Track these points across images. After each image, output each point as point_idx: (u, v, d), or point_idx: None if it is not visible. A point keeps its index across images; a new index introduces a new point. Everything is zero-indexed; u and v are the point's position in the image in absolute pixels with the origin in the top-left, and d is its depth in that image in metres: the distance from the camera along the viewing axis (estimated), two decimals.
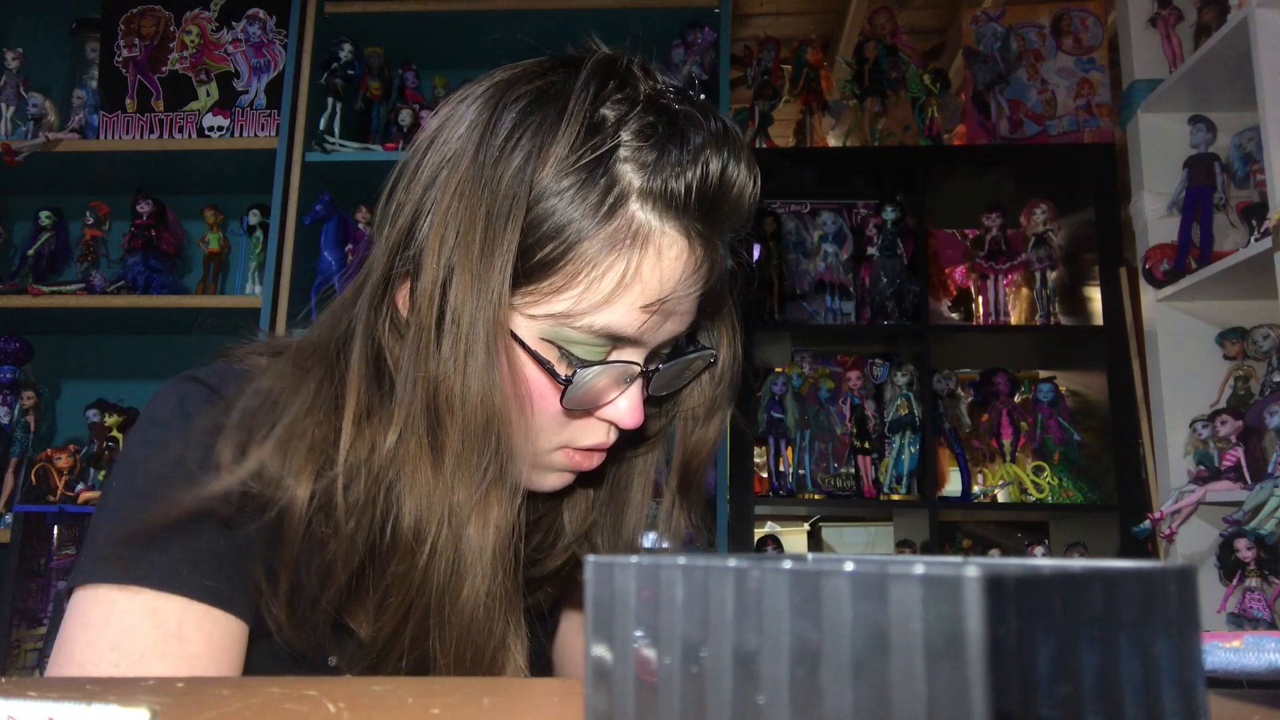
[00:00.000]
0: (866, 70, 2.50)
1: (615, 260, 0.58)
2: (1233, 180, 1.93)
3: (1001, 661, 0.24)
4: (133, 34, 2.39)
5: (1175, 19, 2.02)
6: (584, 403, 0.62)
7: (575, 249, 0.57)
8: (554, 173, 0.57)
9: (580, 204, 0.57)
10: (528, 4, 2.24)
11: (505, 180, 0.57)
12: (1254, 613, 1.68)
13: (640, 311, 0.59)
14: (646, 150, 0.58)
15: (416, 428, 0.59)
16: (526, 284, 0.59)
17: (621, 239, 0.58)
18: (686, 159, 0.58)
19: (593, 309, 0.58)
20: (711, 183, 0.59)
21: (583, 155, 0.57)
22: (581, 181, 0.57)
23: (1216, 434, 1.84)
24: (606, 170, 0.58)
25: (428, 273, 0.58)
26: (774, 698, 0.28)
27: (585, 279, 0.58)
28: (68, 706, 0.32)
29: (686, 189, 0.58)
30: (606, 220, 0.57)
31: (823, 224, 2.42)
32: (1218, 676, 0.46)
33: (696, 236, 0.60)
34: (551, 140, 0.58)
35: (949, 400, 2.37)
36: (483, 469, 0.58)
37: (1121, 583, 0.28)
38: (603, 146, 0.58)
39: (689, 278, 0.61)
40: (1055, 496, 2.23)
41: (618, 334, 0.60)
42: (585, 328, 0.59)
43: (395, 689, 0.45)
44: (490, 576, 0.59)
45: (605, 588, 0.33)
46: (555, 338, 0.60)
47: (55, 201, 2.40)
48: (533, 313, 0.59)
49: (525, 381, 0.60)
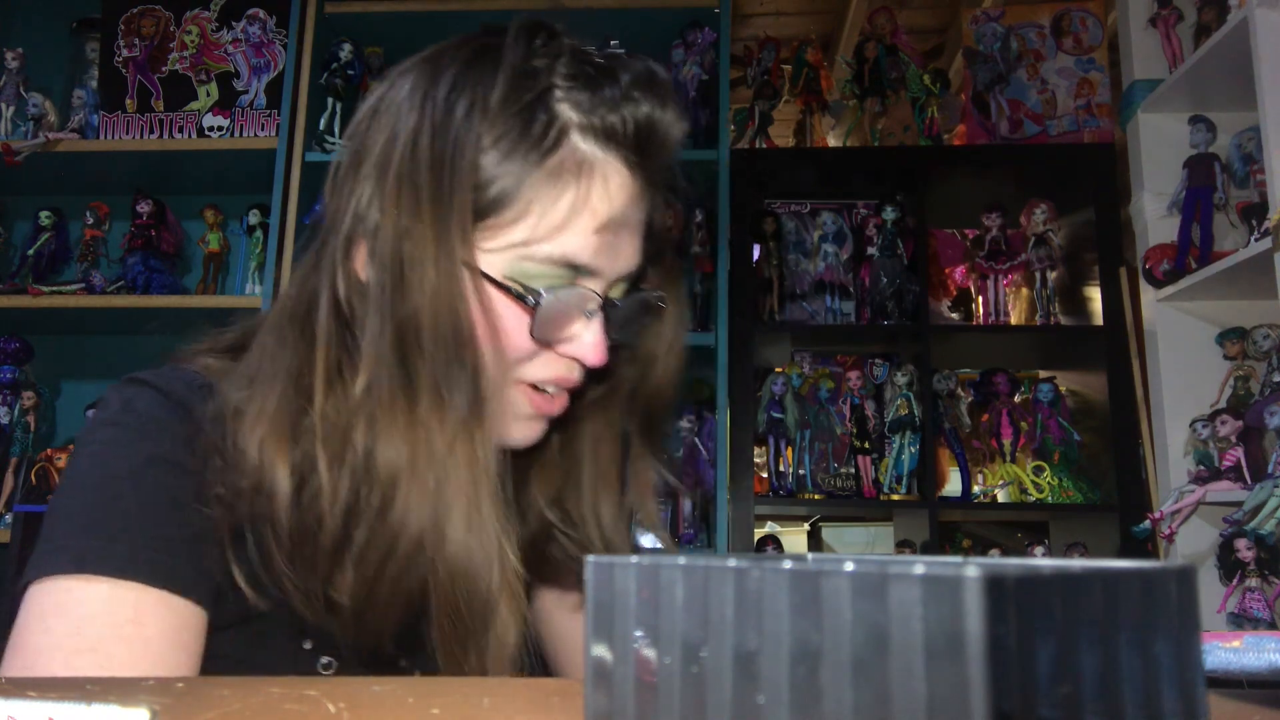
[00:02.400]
0: (866, 70, 2.50)
1: (564, 189, 0.62)
2: (1233, 180, 1.93)
3: (1001, 661, 0.24)
4: (133, 34, 2.39)
5: (1175, 19, 2.02)
6: (551, 331, 0.64)
7: (525, 182, 0.61)
8: (497, 118, 0.61)
9: (525, 142, 0.61)
10: (528, 4, 2.24)
11: (452, 131, 0.61)
12: (1254, 613, 1.68)
13: (594, 235, 0.62)
14: (579, 90, 0.63)
15: (387, 371, 0.60)
16: (483, 220, 0.61)
17: (568, 170, 0.62)
18: (619, 96, 0.63)
19: (549, 236, 0.62)
20: (643, 117, 0.63)
21: (521, 99, 0.61)
22: (524, 123, 0.61)
23: (1216, 434, 1.84)
24: (545, 110, 0.62)
25: (386, 229, 0.61)
26: (774, 698, 0.28)
27: (539, 208, 0.61)
28: (68, 706, 0.32)
29: (622, 122, 0.63)
30: (551, 153, 0.61)
31: (823, 224, 2.42)
32: (1218, 676, 0.46)
33: (635, 168, 0.64)
34: (490, 90, 0.61)
35: (949, 400, 2.37)
36: (456, 404, 0.60)
37: (1121, 583, 0.28)
38: (538, 88, 0.62)
39: (633, 206, 0.64)
40: (1055, 496, 2.23)
41: (575, 261, 0.62)
42: (545, 257, 0.62)
43: (395, 689, 0.45)
44: (474, 517, 0.60)
45: (605, 588, 0.33)
46: (517, 274, 0.62)
47: (55, 201, 2.40)
48: (492, 246, 0.62)
49: (493, 315, 0.62)
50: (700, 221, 2.25)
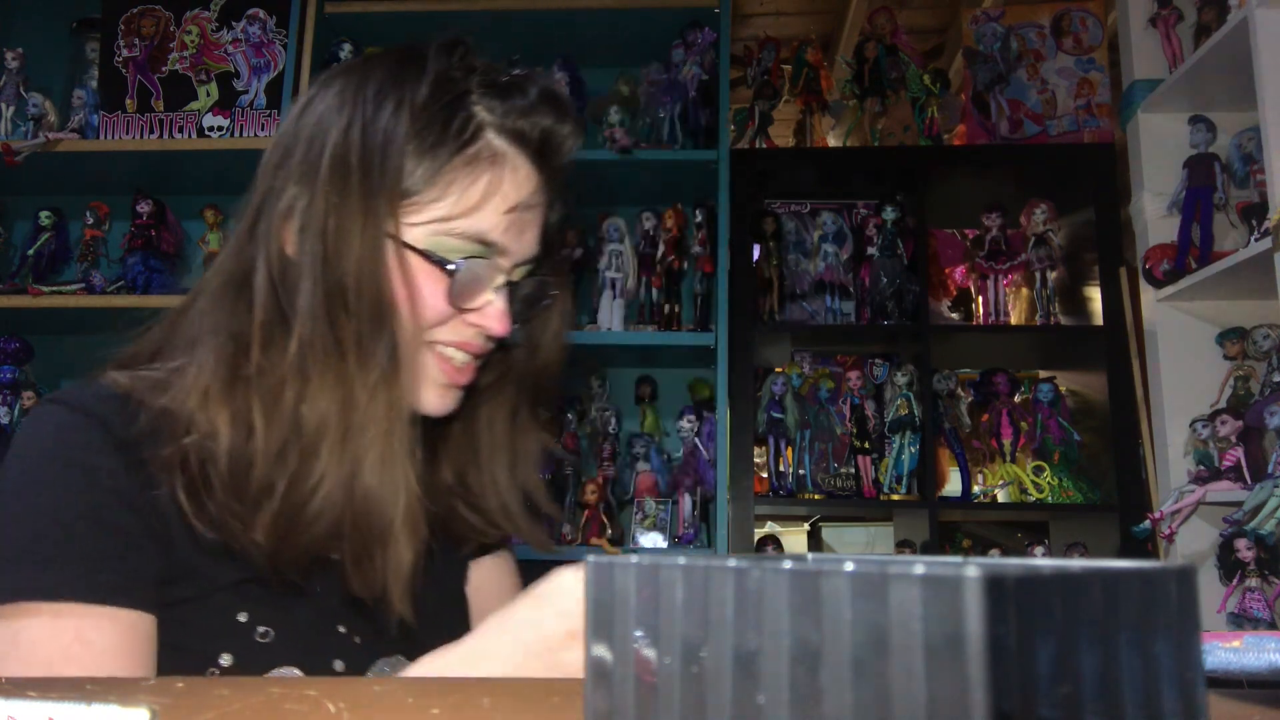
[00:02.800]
0: (866, 70, 2.50)
1: (479, 175, 0.71)
2: (1233, 180, 1.93)
3: (1001, 661, 0.24)
4: (133, 34, 2.39)
5: (1175, 19, 2.02)
6: (464, 297, 0.71)
7: (446, 168, 0.70)
8: (420, 114, 0.70)
9: (446, 134, 0.70)
10: (528, 4, 2.24)
11: (380, 123, 0.69)
12: (1254, 613, 1.68)
13: (504, 216, 0.72)
14: (493, 97, 0.73)
15: (318, 331, 0.67)
16: (408, 199, 0.70)
17: (484, 159, 0.71)
18: (527, 106, 0.73)
19: (466, 214, 0.70)
20: (546, 126, 0.74)
21: (443, 100, 0.71)
22: (445, 119, 0.70)
23: (1216, 434, 1.84)
24: (464, 110, 0.71)
25: (318, 207, 0.68)
26: (774, 698, 0.28)
27: (457, 190, 0.70)
28: (68, 706, 0.32)
29: (530, 127, 0.73)
30: (469, 145, 0.71)
31: (823, 224, 2.41)
32: (1218, 676, 0.46)
33: (537, 167, 0.75)
34: (415, 93, 0.70)
35: (949, 400, 2.37)
36: (378, 360, 0.67)
37: (1121, 583, 0.28)
38: (457, 92, 0.71)
39: (536, 198, 0.75)
40: (1055, 496, 2.23)
41: (487, 238, 0.71)
42: (461, 233, 0.70)
43: (395, 689, 0.45)
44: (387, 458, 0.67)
45: (605, 588, 0.33)
46: (437, 247, 0.70)
47: (55, 201, 2.40)
48: (415, 221, 0.70)
49: (414, 282, 0.70)
50: (700, 221, 2.25)
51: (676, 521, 2.16)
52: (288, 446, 0.66)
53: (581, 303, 2.32)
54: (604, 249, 2.27)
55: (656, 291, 2.25)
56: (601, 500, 2.15)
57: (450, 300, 0.71)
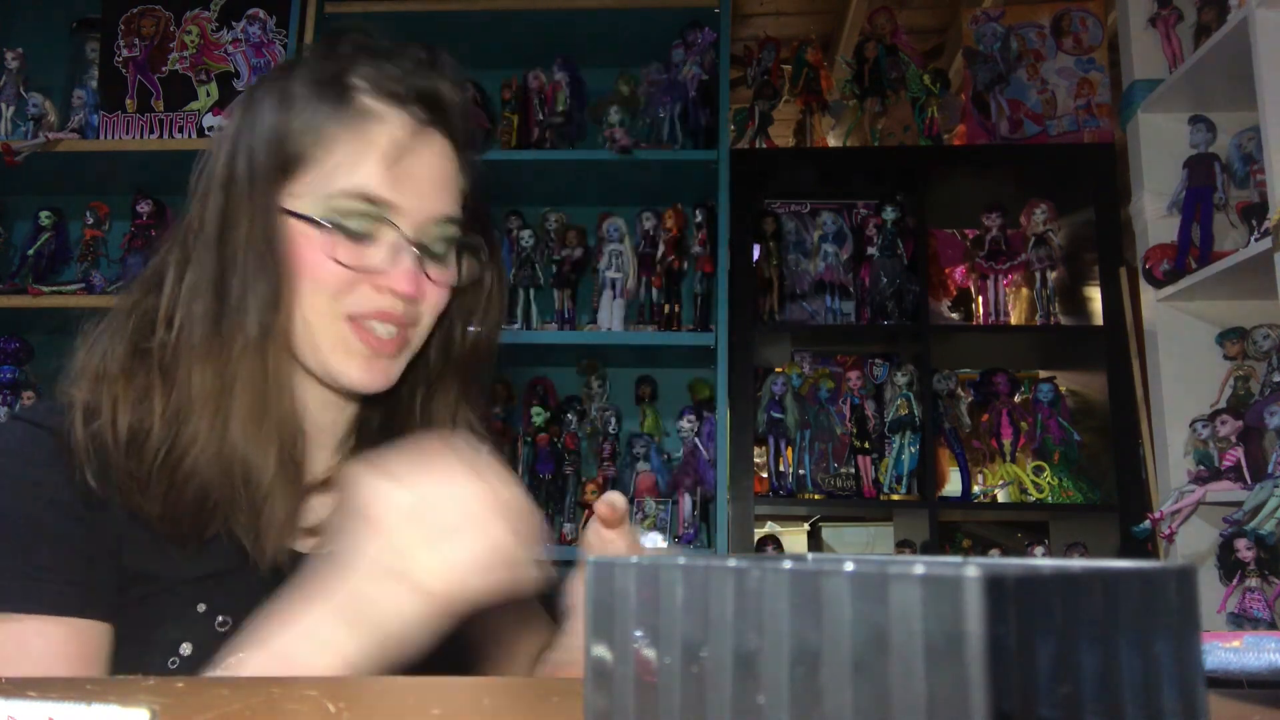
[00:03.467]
0: (866, 70, 2.50)
1: (354, 134, 0.72)
2: (1233, 180, 1.93)
3: (1001, 661, 0.24)
4: (133, 34, 2.39)
5: (1175, 19, 2.02)
6: (356, 256, 0.72)
7: (319, 135, 0.72)
8: (296, 96, 0.73)
9: (319, 104, 0.73)
10: (528, 4, 2.24)
11: (263, 115, 0.73)
12: (1254, 613, 1.68)
13: (385, 169, 0.72)
14: (370, 64, 0.75)
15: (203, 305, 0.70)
16: (291, 172, 0.72)
17: (355, 120, 0.72)
18: (401, 71, 0.75)
19: (343, 172, 0.71)
20: (422, 84, 0.75)
21: (318, 78, 0.74)
22: (318, 93, 0.73)
23: (1216, 434, 1.84)
24: (338, 79, 0.74)
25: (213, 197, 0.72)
26: (774, 698, 0.28)
27: (334, 152, 0.72)
28: (68, 706, 0.32)
29: (405, 88, 0.74)
30: (340, 109, 0.72)
31: (823, 224, 2.41)
32: (1218, 676, 0.46)
33: (422, 121, 0.74)
34: (294, 80, 0.74)
35: (949, 400, 2.37)
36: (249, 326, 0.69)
37: (1121, 583, 0.28)
38: (333, 70, 0.74)
39: (425, 149, 0.74)
40: (1055, 496, 2.23)
41: (370, 193, 0.72)
42: (342, 191, 0.71)
43: (395, 689, 0.45)
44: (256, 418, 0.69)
45: (605, 588, 0.33)
46: (327, 213, 0.72)
47: (55, 201, 2.40)
48: (300, 191, 0.72)
49: (306, 249, 0.71)
50: (700, 221, 2.25)
51: (676, 521, 2.16)
52: (180, 415, 0.69)
53: (581, 303, 2.32)
54: (604, 249, 2.27)
55: (656, 291, 2.25)
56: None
57: (339, 260, 0.71)
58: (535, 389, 2.38)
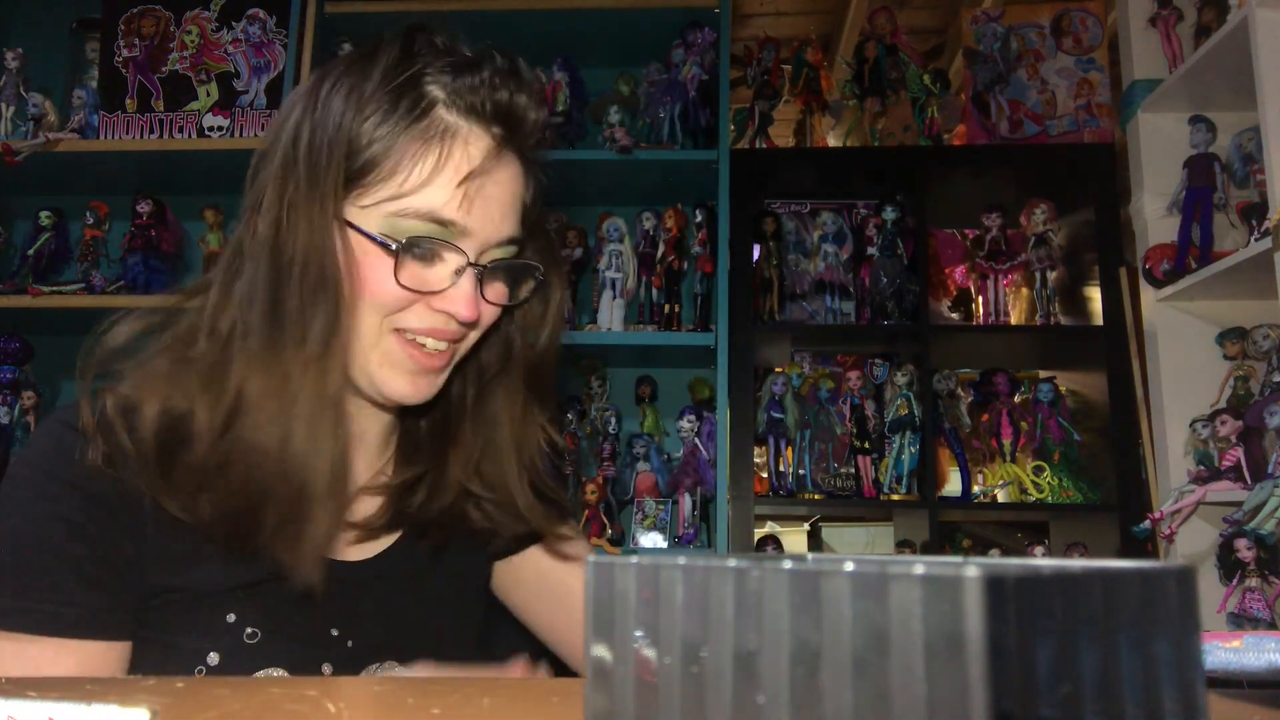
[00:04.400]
0: (866, 70, 2.50)
1: (429, 150, 0.69)
2: (1233, 180, 1.93)
3: (1001, 661, 0.24)
4: (133, 34, 2.39)
5: (1175, 19, 2.02)
6: (415, 278, 0.70)
7: (394, 146, 0.69)
8: (370, 98, 0.70)
9: (394, 113, 0.69)
10: (528, 4, 2.24)
11: (330, 113, 0.70)
12: (1254, 613, 1.68)
13: (456, 189, 0.69)
14: (446, 74, 0.71)
15: (258, 312, 0.68)
16: (359, 181, 0.69)
17: (432, 135, 0.70)
18: (481, 81, 0.72)
19: (416, 190, 0.69)
20: (503, 98, 0.72)
21: (394, 82, 0.70)
22: (395, 98, 0.70)
23: (1216, 434, 1.84)
24: (415, 88, 0.70)
25: (271, 196, 0.69)
26: (774, 698, 0.28)
27: (407, 167, 0.69)
28: (68, 707, 0.32)
29: (483, 101, 0.71)
30: (417, 122, 0.69)
31: (823, 224, 2.41)
32: (1218, 676, 0.46)
33: (500, 140, 0.72)
34: (366, 80, 0.71)
35: (949, 400, 2.37)
36: (311, 339, 0.68)
37: (1121, 583, 0.28)
38: (409, 73, 0.71)
39: (501, 174, 0.72)
40: (1055, 496, 2.23)
41: (442, 216, 0.69)
42: (414, 212, 0.69)
43: (395, 689, 0.45)
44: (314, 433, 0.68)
45: (605, 588, 0.33)
46: (391, 229, 0.69)
47: (55, 201, 2.40)
48: (367, 203, 0.69)
49: (364, 265, 0.69)
50: (700, 221, 2.25)
51: (676, 521, 2.16)
52: (228, 422, 0.68)
53: (581, 303, 2.32)
54: (604, 249, 2.27)
55: (656, 291, 2.25)
56: (601, 500, 2.15)
57: (400, 282, 0.69)
58: None
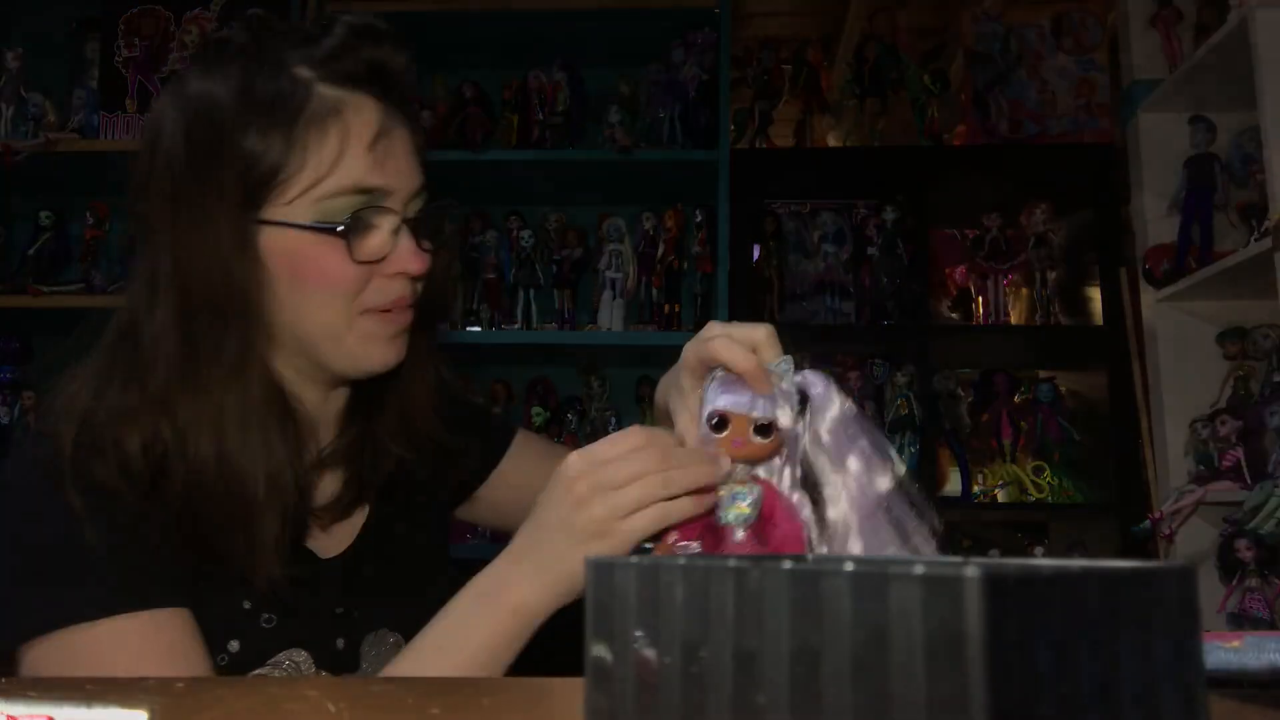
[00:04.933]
0: (866, 70, 2.50)
1: (326, 130, 0.70)
2: (1233, 180, 1.93)
3: (1001, 661, 0.24)
4: (133, 34, 2.39)
5: (1175, 19, 2.02)
6: (368, 250, 0.71)
7: (291, 144, 0.69)
8: (247, 105, 0.69)
9: (277, 110, 0.69)
10: (528, 4, 2.23)
11: (211, 130, 0.69)
12: (1254, 613, 1.68)
13: (367, 153, 0.71)
14: (307, 53, 0.71)
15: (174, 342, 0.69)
16: (268, 188, 0.69)
17: (323, 115, 0.70)
18: (342, 44, 0.72)
19: (331, 170, 0.70)
20: (369, 57, 0.73)
21: (261, 76, 0.70)
22: (270, 97, 0.69)
23: (1216, 434, 1.83)
24: (284, 77, 0.70)
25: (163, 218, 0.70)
26: (774, 698, 0.28)
27: (314, 155, 0.69)
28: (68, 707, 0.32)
29: (353, 64, 0.72)
30: (302, 110, 0.69)
31: (823, 224, 2.41)
32: (1218, 676, 0.46)
33: (380, 98, 0.73)
34: (233, 84, 0.70)
35: (949, 400, 2.37)
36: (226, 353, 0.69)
37: (1121, 583, 0.28)
38: (273, 61, 0.71)
39: (395, 127, 0.73)
40: (1055, 496, 2.23)
41: (364, 184, 0.71)
42: (337, 190, 0.70)
43: (395, 689, 0.45)
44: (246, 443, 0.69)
45: (605, 588, 0.33)
46: (321, 215, 0.70)
47: (55, 201, 2.40)
48: (287, 200, 0.70)
49: (314, 259, 0.70)
50: (700, 221, 2.25)
51: None
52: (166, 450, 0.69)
53: (581, 303, 2.32)
54: (604, 249, 2.27)
55: (656, 291, 2.25)
56: None
57: (356, 258, 0.70)
58: (535, 389, 2.38)
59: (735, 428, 0.61)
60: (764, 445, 0.61)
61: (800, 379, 0.63)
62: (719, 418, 0.62)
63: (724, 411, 0.61)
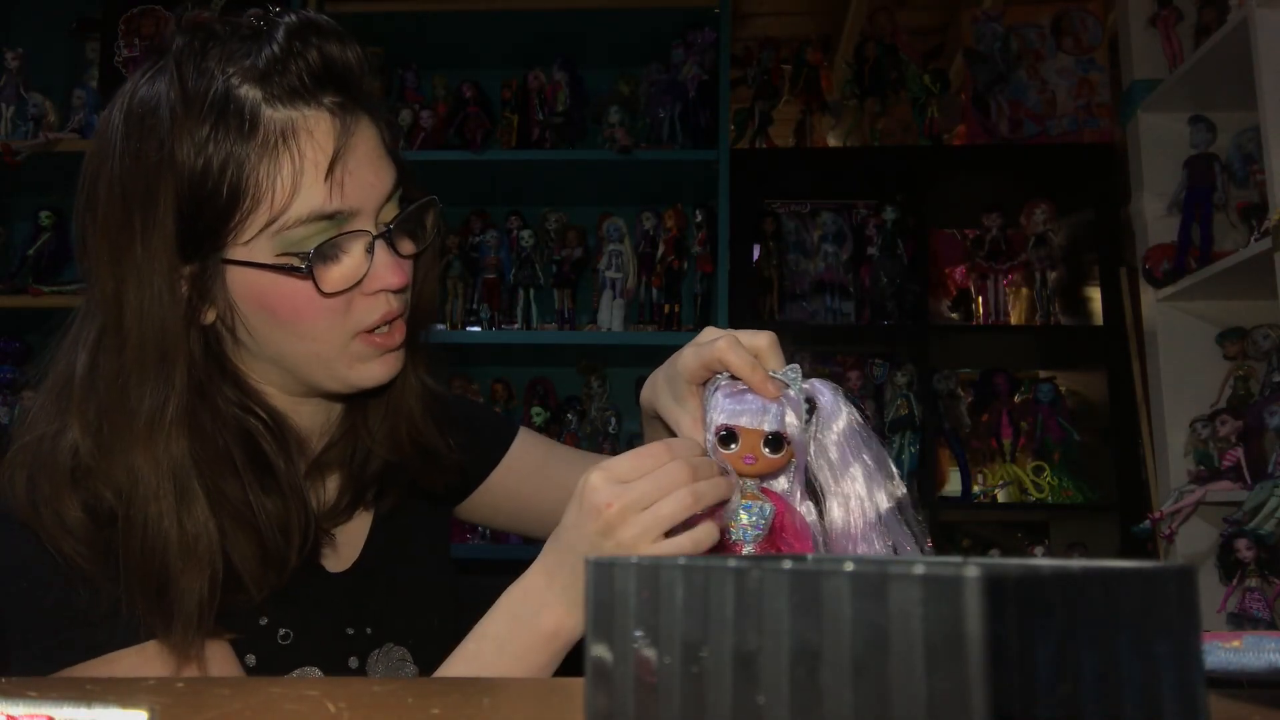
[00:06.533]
0: (866, 70, 2.50)
1: (280, 160, 0.65)
2: (1233, 180, 1.93)
3: (1001, 661, 0.24)
4: (133, 34, 2.39)
5: (1175, 19, 2.02)
6: (339, 281, 0.68)
7: (243, 173, 0.65)
8: (189, 133, 0.64)
9: (224, 140, 0.65)
10: (528, 4, 2.23)
11: (146, 165, 0.65)
12: (1254, 613, 1.68)
13: (324, 183, 0.66)
14: (249, 69, 0.65)
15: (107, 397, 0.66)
16: (226, 224, 0.66)
17: (273, 143, 0.65)
18: (283, 52, 0.66)
19: (288, 203, 0.65)
20: (313, 60, 0.66)
21: (203, 103, 0.65)
22: (214, 124, 0.65)
23: (1216, 434, 1.83)
24: (229, 100, 0.65)
25: (106, 256, 0.66)
26: (774, 698, 0.28)
27: (267, 188, 0.65)
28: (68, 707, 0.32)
29: (299, 74, 0.66)
30: (251, 138, 0.65)
31: (823, 224, 2.41)
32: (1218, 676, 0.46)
33: (333, 107, 0.67)
34: (174, 115, 0.65)
35: (949, 400, 2.37)
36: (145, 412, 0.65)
37: (1121, 583, 0.28)
38: (213, 86, 0.65)
39: (353, 137, 0.68)
40: (1055, 496, 2.23)
41: (324, 211, 0.66)
42: (297, 221, 0.66)
43: (395, 689, 0.45)
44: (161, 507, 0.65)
45: (605, 588, 0.33)
46: (286, 247, 0.67)
47: (55, 201, 2.40)
48: (246, 239, 0.66)
49: (282, 293, 0.67)
50: (700, 221, 2.25)
51: None
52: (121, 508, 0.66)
53: (581, 303, 2.32)
54: (604, 249, 2.27)
55: (656, 291, 2.25)
56: None
57: (326, 291, 0.67)
58: (535, 389, 2.38)
59: (746, 443, 0.59)
60: (776, 461, 0.60)
61: (808, 387, 0.62)
62: (727, 431, 0.60)
63: (734, 426, 0.60)
